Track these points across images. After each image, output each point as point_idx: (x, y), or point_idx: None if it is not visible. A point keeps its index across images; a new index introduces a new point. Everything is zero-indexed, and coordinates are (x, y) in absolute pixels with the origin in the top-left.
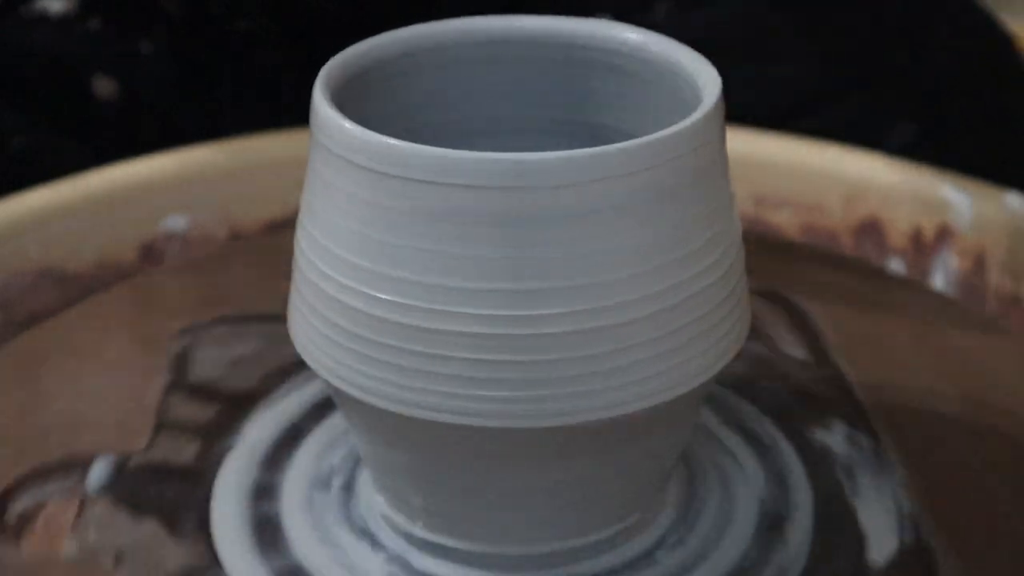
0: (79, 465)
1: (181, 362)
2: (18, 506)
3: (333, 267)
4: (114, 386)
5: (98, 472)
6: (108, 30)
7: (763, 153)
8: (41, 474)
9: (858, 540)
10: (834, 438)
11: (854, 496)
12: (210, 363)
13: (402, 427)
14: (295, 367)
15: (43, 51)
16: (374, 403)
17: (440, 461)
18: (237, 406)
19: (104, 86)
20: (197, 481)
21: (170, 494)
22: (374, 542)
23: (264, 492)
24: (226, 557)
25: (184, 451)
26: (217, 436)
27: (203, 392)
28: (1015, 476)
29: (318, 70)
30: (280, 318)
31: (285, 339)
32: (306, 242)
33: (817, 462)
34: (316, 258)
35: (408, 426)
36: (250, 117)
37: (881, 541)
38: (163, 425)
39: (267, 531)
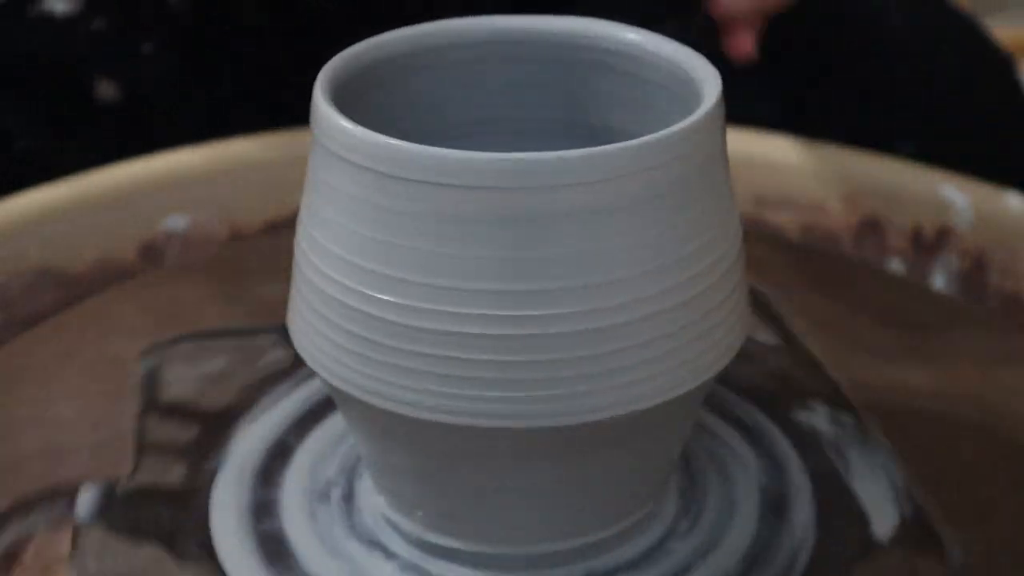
0: (64, 494)
1: (149, 383)
2: (3, 540)
3: (333, 267)
4: (84, 411)
5: (87, 500)
6: (112, 31)
7: (763, 153)
8: (24, 506)
9: (861, 517)
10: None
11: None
12: (181, 382)
13: (402, 427)
14: (268, 381)
15: (47, 51)
16: (374, 403)
17: (441, 461)
18: (217, 424)
19: (107, 87)
20: (190, 502)
21: (166, 517)
22: (386, 552)
23: (263, 509)
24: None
25: (173, 475)
26: (202, 456)
27: (179, 412)
28: (991, 442)
29: (318, 71)
30: (246, 332)
31: (255, 353)
32: (307, 242)
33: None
34: (317, 258)
35: (409, 426)
36: (250, 118)
37: (882, 516)
38: (145, 448)
39: (273, 548)
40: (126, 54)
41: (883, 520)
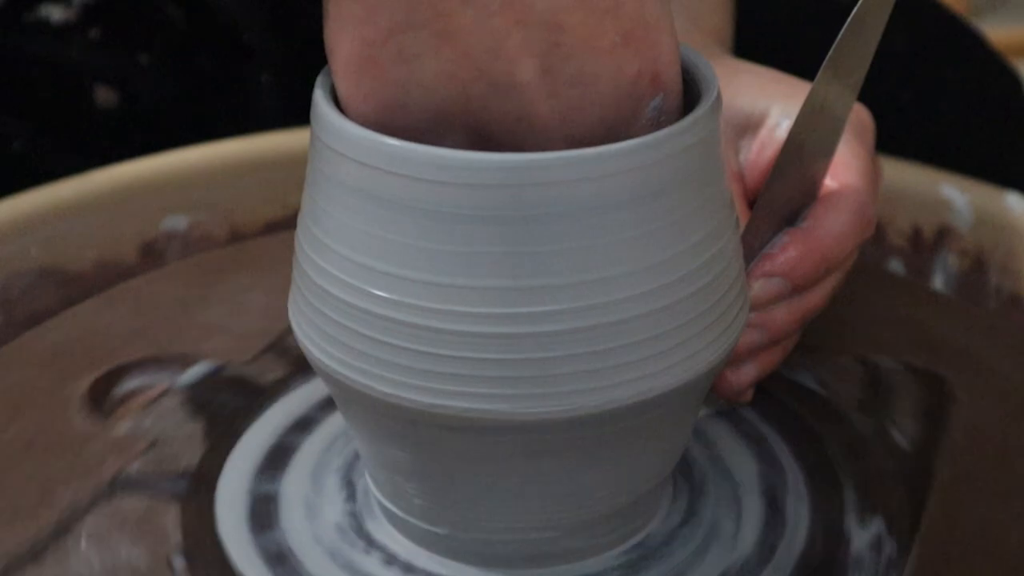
0: (193, 362)
1: None
2: (130, 383)
3: (333, 264)
4: (269, 305)
5: (194, 371)
6: (108, 40)
7: None
8: (159, 362)
9: None
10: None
11: None
12: None
13: (399, 421)
14: None
15: (44, 59)
16: (371, 394)
17: (438, 456)
18: None
19: (104, 95)
20: (257, 401)
21: (229, 407)
22: (351, 492)
23: (297, 427)
24: (227, 470)
25: (271, 375)
26: (302, 371)
27: None
28: None
29: (316, 73)
30: None
31: None
32: (306, 239)
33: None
34: (316, 255)
35: (405, 419)
36: (248, 129)
37: None
38: (272, 348)
39: (276, 459)
40: (123, 63)
41: None
